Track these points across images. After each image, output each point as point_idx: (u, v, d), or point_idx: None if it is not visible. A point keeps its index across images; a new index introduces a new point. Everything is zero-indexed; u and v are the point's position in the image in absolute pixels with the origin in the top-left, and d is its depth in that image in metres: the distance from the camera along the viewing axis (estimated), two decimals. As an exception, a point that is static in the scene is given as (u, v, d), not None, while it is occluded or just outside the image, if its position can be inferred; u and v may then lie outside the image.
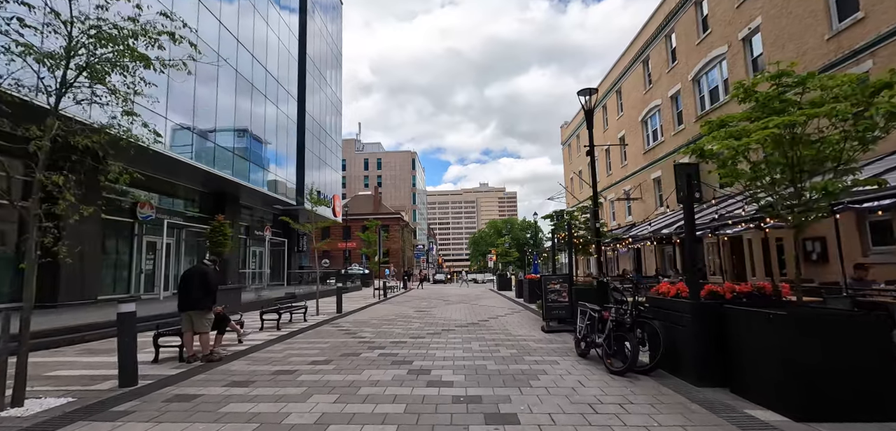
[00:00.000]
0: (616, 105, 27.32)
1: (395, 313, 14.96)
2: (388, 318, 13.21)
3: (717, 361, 5.15)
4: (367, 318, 13.22)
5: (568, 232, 10.82)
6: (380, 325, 11.46)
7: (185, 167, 17.44)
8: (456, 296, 25.00)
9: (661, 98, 21.10)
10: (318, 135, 33.72)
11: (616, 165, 27.38)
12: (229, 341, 8.56)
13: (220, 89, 19.51)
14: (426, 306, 17.93)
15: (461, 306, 17.72)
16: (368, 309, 16.77)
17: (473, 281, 54.97)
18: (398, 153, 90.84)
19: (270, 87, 24.92)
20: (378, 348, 8.06)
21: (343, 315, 14.10)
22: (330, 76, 37.33)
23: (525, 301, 18.79)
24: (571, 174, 37.79)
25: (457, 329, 10.63)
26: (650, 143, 22.88)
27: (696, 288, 5.44)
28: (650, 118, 22.84)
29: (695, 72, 18.19)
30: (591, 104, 9.93)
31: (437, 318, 13.08)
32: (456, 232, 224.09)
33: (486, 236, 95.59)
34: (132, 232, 17.82)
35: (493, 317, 13.19)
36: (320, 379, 5.76)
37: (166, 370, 6.25)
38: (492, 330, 10.46)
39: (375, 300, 21.60)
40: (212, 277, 6.83)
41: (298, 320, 12.29)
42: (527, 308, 16.10)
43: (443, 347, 8.15)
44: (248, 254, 27.61)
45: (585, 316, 7.06)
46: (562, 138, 41.18)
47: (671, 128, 20.41)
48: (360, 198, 66.23)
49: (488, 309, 15.96)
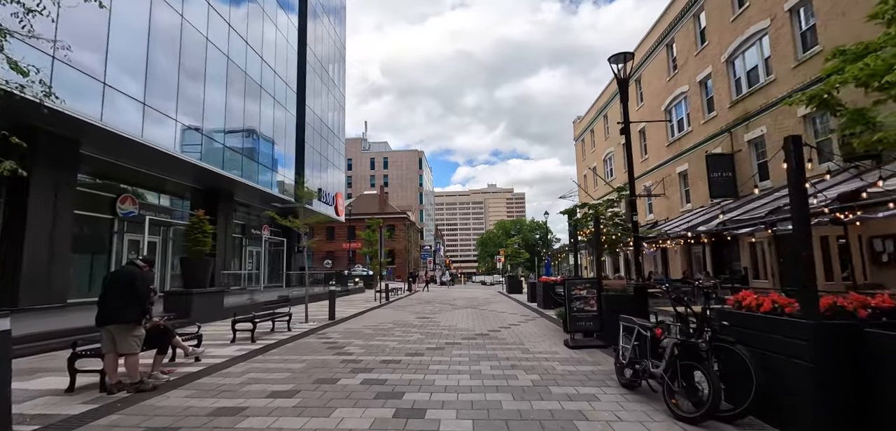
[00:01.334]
0: (635, 95, 25.43)
1: (394, 320, 13.34)
2: (385, 327, 11.58)
3: (849, 413, 3.42)
4: (361, 327, 11.61)
5: (595, 228, 9.06)
6: (373, 336, 9.83)
7: (168, 160, 16.03)
8: (463, 300, 23.32)
9: (689, 83, 19.22)
10: (320, 131, 32.30)
11: (635, 159, 25.45)
12: (185, 361, 6.98)
13: (211, 78, 18.08)
14: (430, 311, 16.28)
15: (468, 312, 16.04)
16: (365, 315, 15.17)
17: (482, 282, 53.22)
18: (405, 152, 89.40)
19: (267, 78, 23.49)
20: (363, 371, 6.42)
21: (335, 322, 12.50)
22: (333, 70, 35.91)
23: (539, 306, 17.04)
24: (585, 170, 35.90)
25: (463, 342, 8.96)
26: (675, 134, 20.99)
27: (813, 302, 3.70)
28: (675, 107, 20.95)
29: (729, 53, 16.32)
30: (627, 72, 8.21)
31: (441, 327, 11.42)
32: (464, 234, 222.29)
33: (494, 237, 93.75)
34: (111, 229, 16.44)
35: (505, 327, 11.49)
36: (269, 427, 4.13)
37: (71, 406, 4.67)
38: (505, 343, 8.78)
39: (376, 304, 20.00)
40: (140, 282, 5.24)
41: (282, 329, 10.72)
42: (542, 314, 14.37)
43: (445, 370, 6.48)
44: (244, 255, 26.22)
45: (632, 334, 5.34)
46: (574, 134, 39.30)
47: (700, 116, 18.52)
48: (365, 198, 64.84)
49: (499, 316, 14.26)
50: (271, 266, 29.50)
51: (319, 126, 32.18)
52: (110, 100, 13.07)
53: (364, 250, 27.77)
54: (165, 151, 15.11)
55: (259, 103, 22.63)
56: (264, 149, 23.37)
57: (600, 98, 31.71)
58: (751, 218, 8.97)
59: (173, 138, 15.86)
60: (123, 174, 16.65)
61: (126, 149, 14.55)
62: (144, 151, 14.84)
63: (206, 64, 17.84)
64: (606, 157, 30.64)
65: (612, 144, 29.44)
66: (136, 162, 16.19)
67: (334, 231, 55.49)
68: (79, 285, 14.57)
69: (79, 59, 11.78)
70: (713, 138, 17.38)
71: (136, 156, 15.46)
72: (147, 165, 16.77)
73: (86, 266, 15.37)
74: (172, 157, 15.75)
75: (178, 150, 15.92)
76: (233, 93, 19.95)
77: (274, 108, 24.40)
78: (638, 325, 5.25)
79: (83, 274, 15.12)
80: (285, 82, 26.01)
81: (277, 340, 9.07)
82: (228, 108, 19.58)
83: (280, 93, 25.17)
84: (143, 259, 5.98)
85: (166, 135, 15.44)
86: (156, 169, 17.33)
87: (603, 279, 12.11)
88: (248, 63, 21.37)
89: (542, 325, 11.74)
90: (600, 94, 31.66)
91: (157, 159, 15.90)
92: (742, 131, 15.66)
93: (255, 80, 22.12)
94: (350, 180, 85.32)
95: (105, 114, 12.75)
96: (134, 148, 14.40)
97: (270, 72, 24.04)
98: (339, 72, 38.28)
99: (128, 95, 13.82)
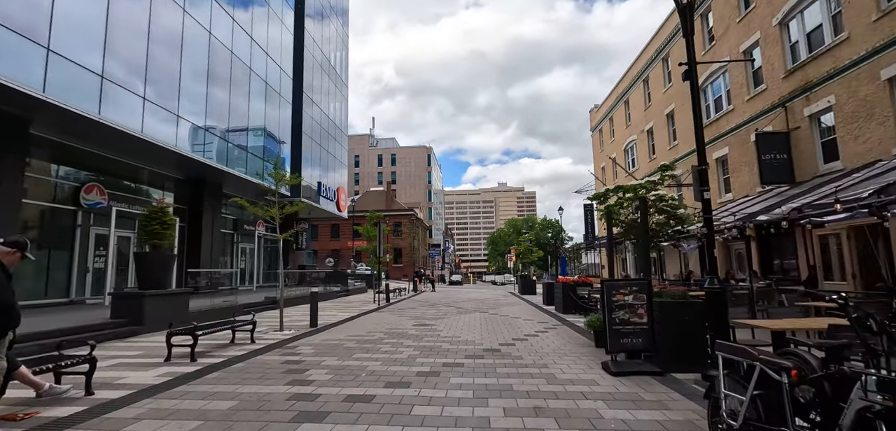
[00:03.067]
0: (662, 76, 22.94)
1: (388, 327, 11.23)
2: (373, 338, 9.47)
3: None
4: (344, 337, 9.51)
5: (642, 214, 6.81)
6: (353, 353, 7.72)
7: (139, 144, 14.18)
8: (471, 302, 21.14)
9: (729, 54, 16.74)
10: (321, 121, 30.38)
11: (662, 146, 22.98)
12: (72, 396, 4.95)
13: (189, 54, 16.18)
14: (432, 316, 14.14)
15: (476, 318, 13.87)
16: (357, 320, 13.10)
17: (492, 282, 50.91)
18: (413, 149, 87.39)
19: (258, 60, 21.60)
20: (312, 418, 4.30)
21: (317, 330, 10.44)
22: (335, 59, 34.00)
23: (558, 310, 14.81)
24: (603, 162, 33.40)
25: (466, 363, 6.81)
26: (710, 116, 18.51)
27: None
28: (710, 85, 18.46)
29: (784, 13, 13.84)
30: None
31: (442, 338, 9.28)
32: (474, 233, 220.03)
33: (504, 235, 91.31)
34: (75, 222, 14.65)
35: (520, 338, 9.30)
36: None
37: None
38: (522, 366, 6.60)
39: (374, 306, 17.95)
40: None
41: (244, 340, 8.70)
42: (562, 321, 12.14)
43: (435, 417, 4.34)
44: (235, 252, 24.43)
45: (750, 379, 3.09)
46: (591, 124, 36.79)
47: (744, 91, 16.04)
48: (371, 194, 63.00)
49: (512, 323, 12.06)
50: (269, 264, 27.73)
51: (320, 116, 30.26)
52: (59, 69, 11.18)
53: (362, 247, 25.75)
54: (129, 132, 13.21)
55: (248, 86, 20.74)
56: (255, 137, 21.49)
57: (621, 82, 29.22)
58: (854, 199, 6.63)
59: (141, 119, 13.97)
60: (93, 161, 14.89)
61: (89, 131, 12.73)
62: (107, 133, 12.98)
63: (182, 38, 15.94)
64: (628, 147, 28.16)
65: (634, 132, 26.95)
66: (103, 147, 14.39)
67: (339, 228, 53.72)
68: (31, 286, 12.75)
69: (12, 15, 9.93)
70: (762, 116, 14.92)
71: (103, 140, 13.66)
72: (118, 152, 14.97)
73: (40, 263, 13.53)
74: (142, 140, 13.88)
75: (150, 134, 14.03)
76: (217, 73, 18.05)
77: (266, 92, 22.51)
78: (761, 362, 3.01)
79: (37, 273, 13.31)
80: (280, 66, 24.11)
81: (227, 358, 7.02)
82: (212, 89, 17.69)
83: (273, 78, 23.27)
84: (5, 242, 3.99)
85: (131, 116, 13.55)
86: (128, 155, 15.52)
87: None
88: (236, 42, 19.47)
89: (565, 336, 9.51)
90: (621, 79, 29.17)
91: (126, 143, 14.06)
92: (801, 104, 13.20)
93: (243, 61, 20.23)
94: (357, 177, 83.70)
95: (51, 87, 10.86)
96: (95, 129, 12.54)
97: (262, 54, 22.15)
98: (342, 61, 36.35)
99: (82, 66, 11.94)
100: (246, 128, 20.57)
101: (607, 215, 8.01)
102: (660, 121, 23.13)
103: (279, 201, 10.79)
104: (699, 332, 6.03)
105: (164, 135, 14.84)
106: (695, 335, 6.03)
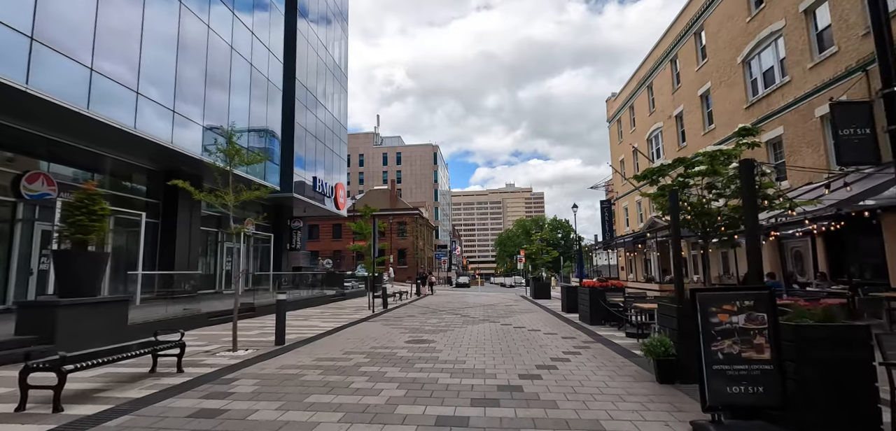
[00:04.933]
0: (694, 52, 20.33)
1: (374, 345, 8.84)
2: (347, 364, 7.07)
3: None
4: (309, 364, 7.13)
5: (746, 185, 4.33)
6: (308, 393, 5.33)
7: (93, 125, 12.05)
8: (479, 308, 18.68)
9: (784, 17, 14.14)
10: (315, 112, 28.17)
11: (695, 132, 20.34)
12: None
13: (153, 18, 13.99)
14: (432, 328, 11.73)
15: (486, 329, 11.43)
16: (341, 333, 10.74)
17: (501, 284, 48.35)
18: (419, 147, 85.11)
19: (241, 39, 19.44)
20: None
21: (280, 350, 8.09)
22: (334, 49, 31.82)
23: (583, 320, 12.35)
24: (622, 155, 30.78)
25: (473, 416, 4.39)
26: (757, 92, 15.90)
27: None
28: (759, 55, 15.85)
29: (863, -44, 11.24)
30: None
31: (441, 365, 6.86)
32: (481, 234, 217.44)
33: (513, 236, 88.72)
34: (13, 216, 12.51)
35: (546, 365, 6.85)
36: None
37: None
38: (561, 425, 4.17)
39: (367, 314, 15.59)
40: None
41: (168, 369, 6.38)
42: (593, 336, 9.66)
43: None
44: (219, 252, 22.26)
45: None
46: (607, 114, 34.17)
47: (805, 59, 13.43)
48: (375, 193, 60.81)
49: (530, 340, 9.61)
50: (261, 266, 25.54)
51: (315, 106, 28.04)
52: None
53: (354, 246, 23.48)
54: (68, 107, 11.01)
55: (229, 64, 18.54)
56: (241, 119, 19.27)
57: (642, 66, 26.61)
58: None
59: (87, 94, 11.77)
60: (38, 145, 12.79)
61: (32, 108, 10.60)
62: (40, 108, 10.82)
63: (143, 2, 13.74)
64: (652, 136, 25.52)
65: (659, 119, 24.32)
66: (48, 128, 12.28)
67: (342, 229, 51.53)
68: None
69: None
70: (831, 86, 12.32)
71: (44, 119, 11.55)
72: (68, 134, 12.86)
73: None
74: (89, 120, 11.70)
75: (98, 112, 11.84)
76: (189, 46, 15.84)
77: (252, 75, 20.33)
78: None
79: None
80: (268, 48, 21.92)
81: (110, 406, 4.67)
82: (183, 66, 15.48)
83: (260, 60, 21.09)
84: None
85: (74, 89, 11.35)
86: (80, 138, 13.40)
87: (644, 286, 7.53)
88: (213, 16, 17.29)
89: (608, 363, 7.04)
90: (643, 62, 26.55)
91: (70, 123, 11.92)
92: (890, 66, 10.59)
93: (222, 37, 18.05)
94: (361, 177, 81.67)
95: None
96: (28, 104, 10.37)
97: (246, 32, 19.98)
98: (342, 50, 34.18)
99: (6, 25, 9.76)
100: (227, 112, 18.35)
101: (672, 198, 5.53)
102: (692, 103, 20.50)
103: (235, 185, 8.50)
104: (865, 378, 3.58)
105: (119, 115, 12.66)
106: (860, 381, 3.57)
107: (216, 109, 17.52)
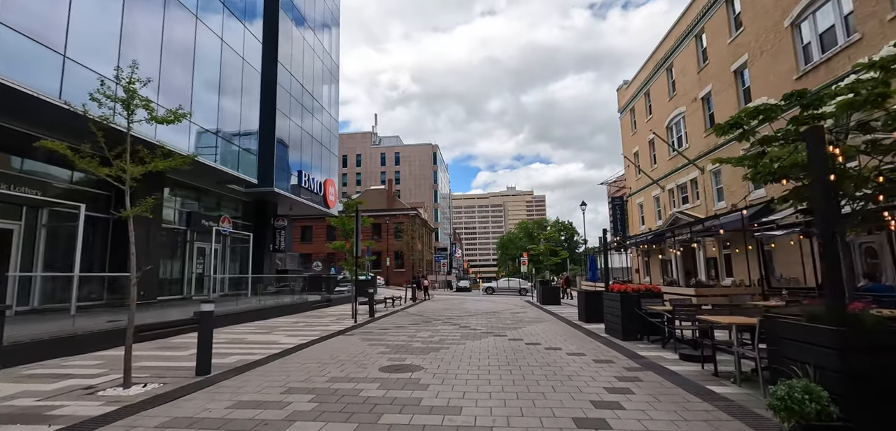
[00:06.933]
0: (727, 23, 17.81)
1: (332, 376, 6.30)
2: (277, 418, 4.55)
3: None
4: (221, 415, 4.61)
5: None
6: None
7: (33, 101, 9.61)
8: (481, 316, 16.11)
9: (853, -37, 11.61)
10: (301, 99, 25.70)
11: (726, 114, 17.75)
12: None
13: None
14: (423, 344, 9.17)
15: (490, 346, 8.89)
16: (300, 353, 8.20)
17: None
18: (418, 147, 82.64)
19: (212, 12, 17.03)
20: None
21: (199, 384, 5.57)
22: (322, 31, 29.42)
23: (611, 334, 9.81)
24: (636, 147, 28.24)
25: None
26: (811, 59, 13.40)
27: None
28: (813, 15, 13.32)
29: None
30: None
31: (420, 421, 4.35)
32: (483, 238, 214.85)
33: (515, 238, 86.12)
34: None
35: (590, 421, 4.33)
36: None
37: None
38: None
39: (350, 323, 13.00)
40: None
41: None
42: (636, 359, 7.11)
43: None
44: (189, 252, 19.75)
45: None
46: (619, 104, 31.67)
47: (885, 8, 10.90)
48: (371, 193, 58.29)
49: (551, 365, 7.05)
50: (240, 268, 23.04)
51: (300, 94, 25.59)
52: None
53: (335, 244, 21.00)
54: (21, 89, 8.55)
55: (194, 33, 16.11)
56: (206, 101, 16.84)
57: (661, 46, 24.10)
58: None
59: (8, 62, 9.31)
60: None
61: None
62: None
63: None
64: (672, 122, 22.98)
65: (681, 103, 21.78)
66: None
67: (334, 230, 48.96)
68: None
69: None
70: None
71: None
72: None
73: None
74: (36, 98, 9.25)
75: (7, 76, 9.39)
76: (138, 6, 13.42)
77: (223, 50, 17.92)
78: None
79: None
80: (243, 23, 19.52)
81: None
82: (131, 23, 13.05)
83: (234, 38, 18.69)
84: None
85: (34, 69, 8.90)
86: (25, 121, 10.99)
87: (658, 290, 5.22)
88: (172, -23, 14.88)
89: (686, 412, 4.50)
90: (662, 41, 24.04)
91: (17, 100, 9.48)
92: None
93: (188, 9, 15.64)
94: (359, 177, 79.25)
95: None
96: None
97: (219, 4, 17.59)
98: (332, 35, 31.79)
99: None
100: (191, 85, 15.87)
101: (813, 136, 2.97)
102: (722, 81, 17.96)
103: (133, 146, 6.05)
104: None
105: (43, 83, 10.20)
106: None
107: (171, 81, 15.02)
